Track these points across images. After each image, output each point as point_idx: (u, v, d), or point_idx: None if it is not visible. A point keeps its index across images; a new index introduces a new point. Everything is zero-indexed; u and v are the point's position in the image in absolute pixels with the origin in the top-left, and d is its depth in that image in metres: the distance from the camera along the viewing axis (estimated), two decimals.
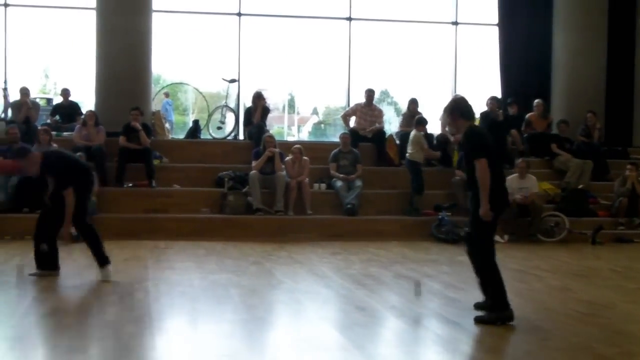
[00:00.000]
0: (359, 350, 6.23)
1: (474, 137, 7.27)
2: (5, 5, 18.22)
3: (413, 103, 17.19)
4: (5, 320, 7.12)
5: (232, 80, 18.09)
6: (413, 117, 16.29)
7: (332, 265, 10.95)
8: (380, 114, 17.12)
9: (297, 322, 7.57)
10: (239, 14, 18.82)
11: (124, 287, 8.73)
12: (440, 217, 14.40)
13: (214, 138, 17.44)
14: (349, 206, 14.66)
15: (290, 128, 34.57)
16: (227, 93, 18.11)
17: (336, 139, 16.79)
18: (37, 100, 19.96)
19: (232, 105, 18.17)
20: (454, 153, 16.13)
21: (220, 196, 14.68)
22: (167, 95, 23.55)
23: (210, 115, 18.09)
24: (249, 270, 10.31)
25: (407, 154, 15.25)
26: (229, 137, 17.51)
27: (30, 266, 9.56)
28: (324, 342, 6.61)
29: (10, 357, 5.97)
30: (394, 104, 25.53)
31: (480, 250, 7.29)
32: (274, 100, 24.42)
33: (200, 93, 21.01)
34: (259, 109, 16.39)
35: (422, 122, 15.64)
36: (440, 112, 16.74)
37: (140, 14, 16.52)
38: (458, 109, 7.37)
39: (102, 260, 9.24)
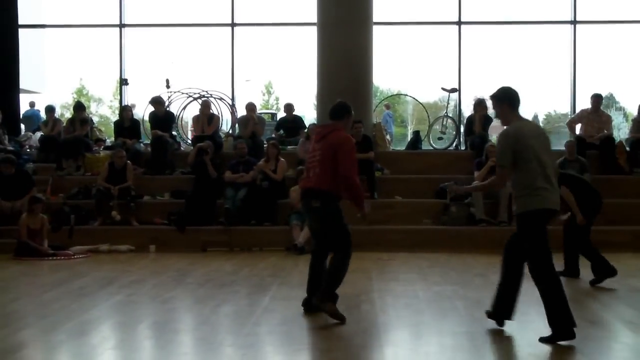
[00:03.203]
0: None
1: None
2: (232, 25, 19.02)
3: None
4: (238, 330, 7.32)
5: (453, 90, 17.89)
6: None
7: (562, 278, 10.55)
8: (608, 120, 16.39)
9: (526, 335, 7.31)
10: (459, 23, 18.66)
11: (351, 299, 8.77)
12: None
13: (435, 149, 17.34)
14: None
15: None
16: (447, 103, 17.97)
17: (559, 147, 16.22)
18: (262, 115, 20.66)
19: (452, 114, 18.01)
20: None
21: (442, 207, 14.58)
22: (387, 107, 23.73)
23: (430, 126, 18.00)
24: (474, 283, 10.14)
25: None
26: (450, 148, 17.37)
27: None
28: (555, 356, 6.37)
29: None
30: (622, 109, 24.55)
31: None
32: (492, 109, 24.06)
33: (420, 104, 20.90)
34: (479, 117, 16.14)
35: None
36: None
37: (361, 27, 16.52)
38: None
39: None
